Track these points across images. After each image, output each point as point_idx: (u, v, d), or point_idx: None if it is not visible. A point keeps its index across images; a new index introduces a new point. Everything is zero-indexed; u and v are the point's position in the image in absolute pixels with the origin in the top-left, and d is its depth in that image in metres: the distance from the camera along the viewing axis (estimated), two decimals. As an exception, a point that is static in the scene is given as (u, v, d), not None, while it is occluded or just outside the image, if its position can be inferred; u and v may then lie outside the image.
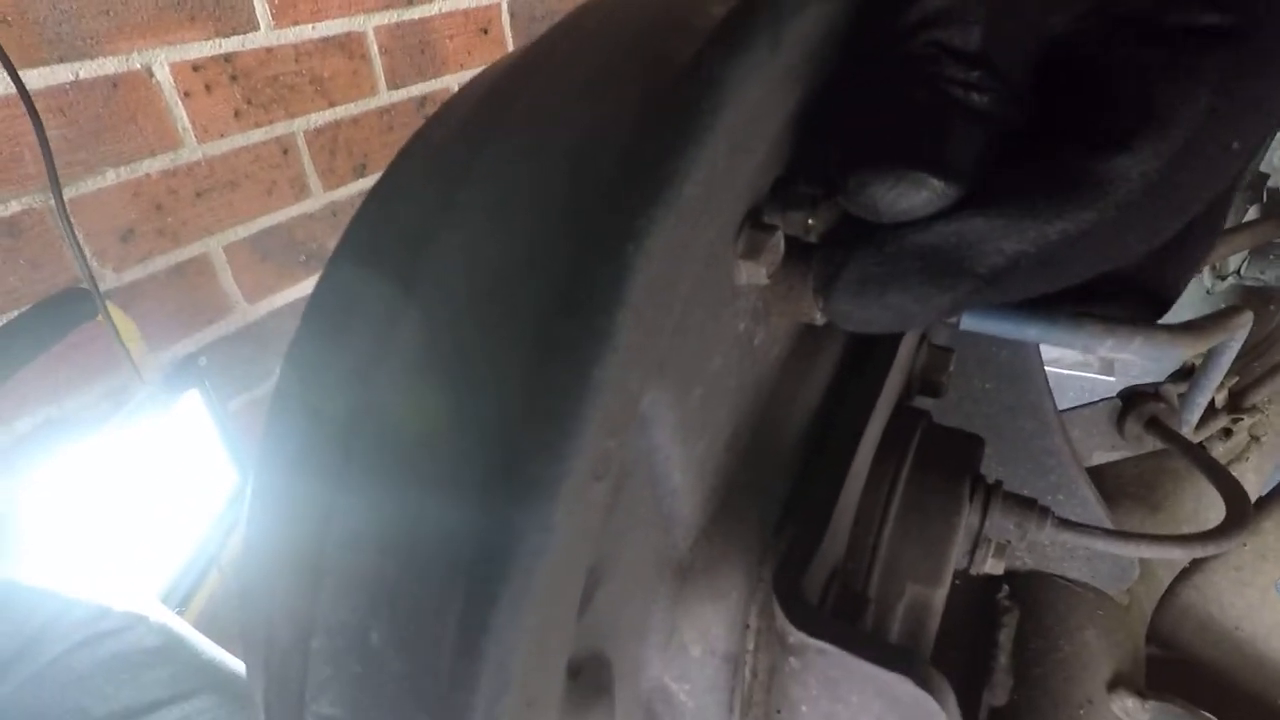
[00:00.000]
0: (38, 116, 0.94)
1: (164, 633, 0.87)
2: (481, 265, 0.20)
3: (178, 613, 1.17)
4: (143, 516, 1.20)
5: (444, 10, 1.73)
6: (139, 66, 1.20)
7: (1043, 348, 0.49)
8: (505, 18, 1.90)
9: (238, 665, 0.90)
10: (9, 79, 0.97)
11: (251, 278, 1.48)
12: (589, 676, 0.26)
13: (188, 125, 1.30)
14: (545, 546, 0.18)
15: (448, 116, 0.26)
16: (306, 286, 1.61)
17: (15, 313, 1.10)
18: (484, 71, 0.28)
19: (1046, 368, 0.47)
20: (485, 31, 1.87)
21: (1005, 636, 0.52)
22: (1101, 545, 0.36)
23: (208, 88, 1.31)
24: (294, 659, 0.21)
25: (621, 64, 0.23)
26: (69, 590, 0.85)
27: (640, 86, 0.22)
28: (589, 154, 0.21)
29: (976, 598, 0.57)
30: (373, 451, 0.19)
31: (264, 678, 0.22)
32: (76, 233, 1.09)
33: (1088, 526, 0.35)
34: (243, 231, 1.45)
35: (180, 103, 1.28)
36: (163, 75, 1.24)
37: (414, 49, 1.69)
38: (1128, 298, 0.27)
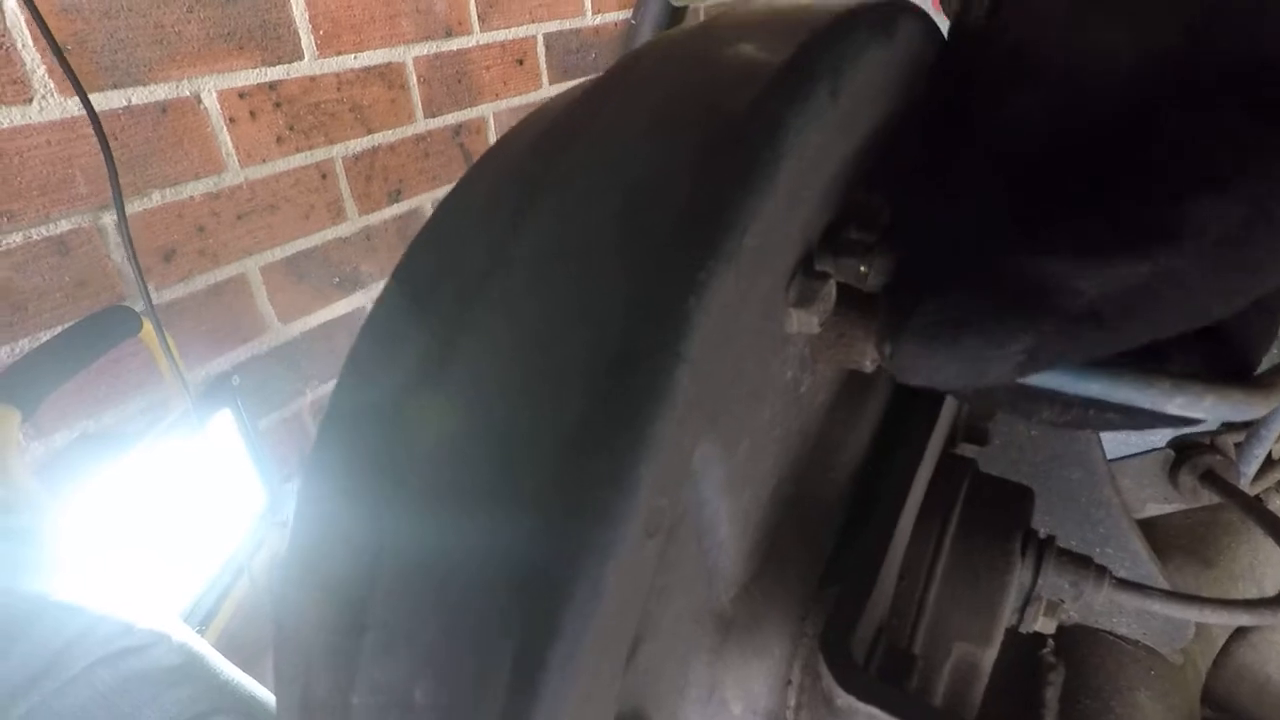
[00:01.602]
0: (105, 139, 0.97)
1: (184, 652, 0.87)
2: (534, 315, 0.20)
3: (199, 632, 1.17)
4: (170, 534, 1.21)
5: (481, 42, 1.77)
6: (188, 93, 1.23)
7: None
8: (541, 49, 1.93)
9: (256, 687, 0.90)
10: (60, 104, 1.00)
11: (286, 298, 1.51)
12: (629, 737, 0.25)
13: (231, 150, 1.33)
14: (595, 610, 0.18)
15: (502, 157, 0.26)
16: (339, 308, 1.63)
17: (59, 328, 1.12)
18: (539, 111, 0.27)
19: None
20: (520, 63, 1.90)
21: (1051, 695, 0.50)
22: (1162, 609, 0.34)
23: (252, 114, 1.35)
24: (332, 714, 0.20)
25: (679, 111, 0.23)
26: (95, 606, 0.86)
27: (699, 134, 0.22)
28: (647, 204, 0.20)
29: (1018, 651, 0.55)
30: (424, 504, 0.19)
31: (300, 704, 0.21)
32: (120, 253, 1.11)
33: (1149, 588, 0.34)
34: (280, 253, 1.48)
35: (225, 128, 1.31)
36: (210, 102, 1.27)
37: (451, 79, 1.72)
38: (1204, 352, 0.26)
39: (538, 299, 0.20)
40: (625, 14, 2.12)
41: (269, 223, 1.44)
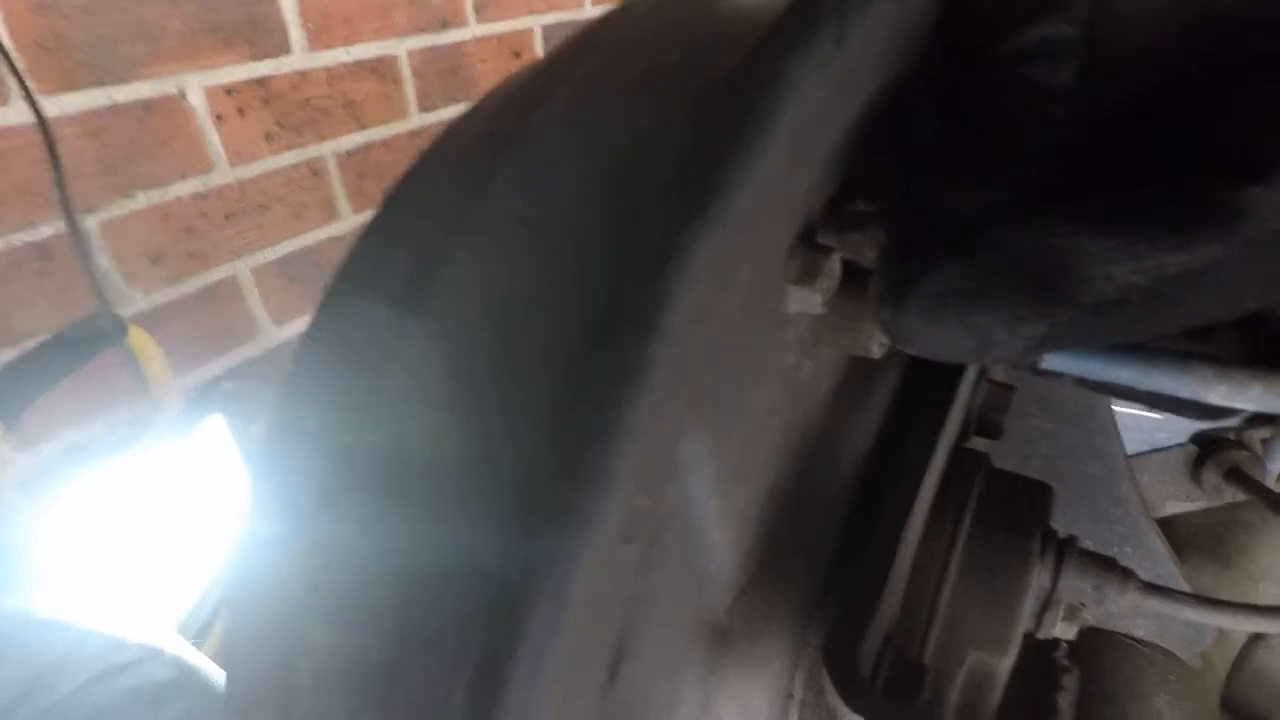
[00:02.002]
0: (53, 145, 0.94)
1: (179, 666, 0.85)
2: (501, 286, 0.17)
3: (194, 644, 1.14)
4: (162, 545, 1.19)
5: (477, 35, 1.74)
6: (173, 90, 1.21)
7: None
8: (538, 42, 1.91)
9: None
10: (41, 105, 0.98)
11: (278, 300, 1.48)
12: (614, 762, 0.22)
13: (219, 148, 1.31)
14: (559, 623, 0.15)
15: (472, 120, 0.23)
16: (332, 309, 1.61)
17: (44, 336, 1.10)
18: (515, 73, 0.25)
19: (1119, 408, 0.43)
20: (518, 55, 1.88)
21: (1065, 701, 0.47)
22: (1191, 615, 0.32)
23: (240, 111, 1.32)
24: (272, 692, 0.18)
25: (668, 60, 0.21)
26: (84, 623, 0.83)
27: (690, 84, 0.19)
28: (630, 159, 0.18)
29: (1031, 654, 0.52)
30: (369, 502, 0.17)
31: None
32: (105, 256, 1.09)
33: (1177, 592, 0.31)
34: (271, 254, 1.46)
35: (212, 126, 1.29)
36: (196, 99, 1.25)
37: (445, 72, 1.70)
38: (1242, 336, 0.23)
39: (507, 266, 0.18)
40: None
41: (259, 223, 1.41)
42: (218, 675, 0.89)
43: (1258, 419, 0.59)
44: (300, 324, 1.54)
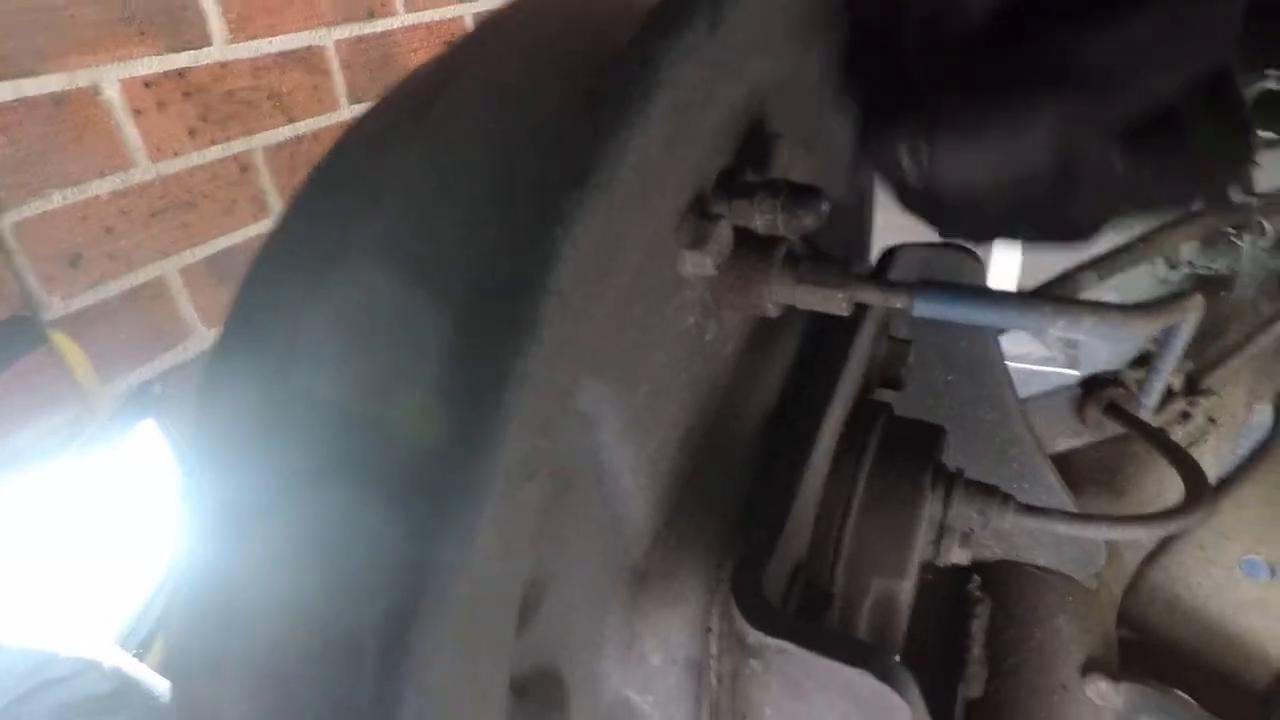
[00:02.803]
0: None
1: (118, 677, 0.84)
2: (401, 254, 0.19)
3: (137, 655, 1.12)
4: (98, 555, 1.16)
5: (406, 24, 1.71)
6: (86, 84, 1.17)
7: (1008, 344, 0.49)
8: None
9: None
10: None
11: (210, 301, 1.45)
12: (539, 693, 0.25)
13: (139, 144, 1.27)
14: (466, 555, 0.17)
15: (377, 112, 0.25)
16: (269, 306, 1.58)
17: (-41, 343, 1.06)
18: (416, 69, 0.27)
19: (1014, 364, 0.47)
20: (449, 44, 1.85)
21: (978, 628, 0.51)
22: (1064, 529, 0.36)
23: (160, 105, 1.28)
24: (207, 695, 0.19)
25: (555, 48, 0.22)
26: (11, 639, 0.81)
27: (574, 69, 0.21)
28: (515, 138, 0.20)
29: (949, 592, 0.56)
30: (279, 455, 0.18)
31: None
32: (20, 259, 1.05)
33: (1049, 510, 0.35)
34: (200, 253, 1.42)
35: (130, 120, 1.25)
36: (111, 92, 1.21)
37: (376, 63, 1.67)
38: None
39: (406, 240, 0.20)
40: (549, -7, 2.09)
41: (185, 221, 1.37)
42: (161, 686, 0.88)
43: (1135, 361, 0.64)
44: (235, 322, 1.50)
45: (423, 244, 0.19)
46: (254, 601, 0.18)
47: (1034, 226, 0.34)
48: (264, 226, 1.55)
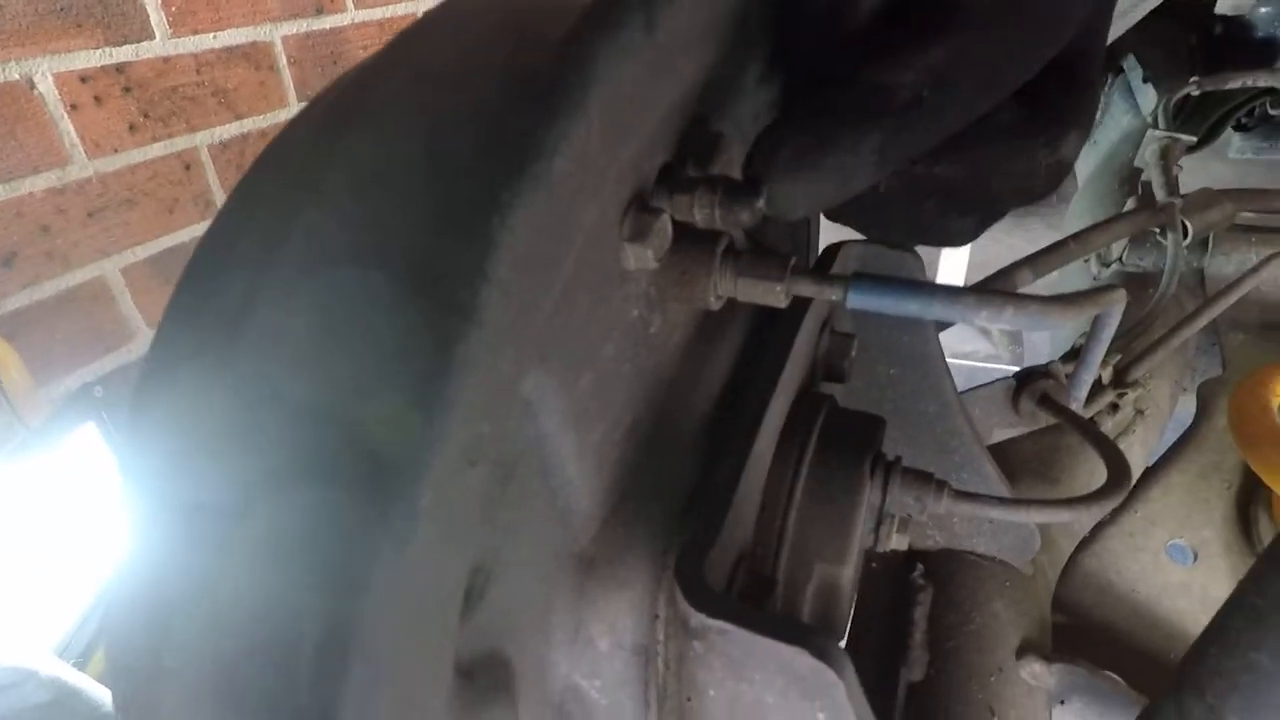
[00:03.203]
0: None
1: (56, 687, 0.81)
2: (341, 245, 0.19)
3: (77, 664, 1.09)
4: (34, 563, 1.12)
5: (356, 20, 1.69)
6: (18, 77, 1.13)
7: (956, 342, 0.51)
8: (418, 28, 1.87)
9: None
10: None
11: (154, 301, 1.41)
12: (485, 677, 0.25)
13: (76, 140, 1.23)
14: (410, 535, 0.17)
15: (313, 108, 0.25)
16: (215, 307, 1.54)
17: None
18: (353, 67, 0.27)
19: (961, 361, 0.49)
20: (397, 42, 1.83)
21: (920, 614, 0.53)
22: (996, 514, 0.37)
23: (98, 100, 1.25)
24: (146, 679, 0.19)
25: (491, 45, 0.23)
26: None
27: (510, 65, 0.22)
28: (453, 129, 0.20)
29: (894, 582, 0.58)
30: (231, 431, 0.18)
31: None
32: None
33: (982, 496, 0.37)
34: (142, 252, 1.38)
35: (67, 116, 1.21)
36: (46, 87, 1.17)
37: (325, 59, 1.64)
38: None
39: (345, 231, 0.20)
40: (504, -8, 2.08)
41: (126, 219, 1.33)
42: (103, 695, 0.86)
43: (1069, 355, 0.67)
44: (180, 324, 1.46)
45: (363, 233, 0.19)
46: (191, 602, 0.18)
47: (911, 237, 0.37)
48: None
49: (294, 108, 1.61)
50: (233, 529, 0.18)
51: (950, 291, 0.28)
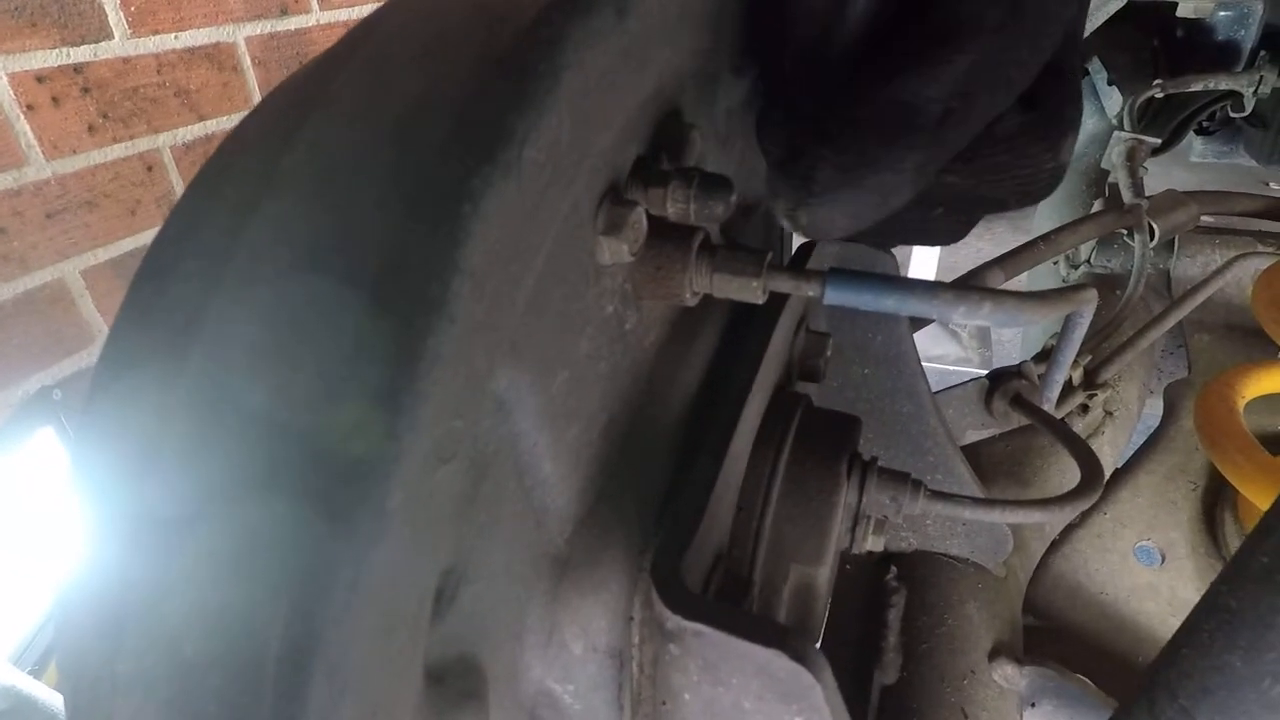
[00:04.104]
0: None
1: (12, 696, 0.79)
2: (304, 234, 0.19)
3: (32, 673, 1.05)
4: (-11, 570, 1.08)
5: (322, 21, 1.67)
6: (-29, 76, 1.09)
7: (928, 344, 0.51)
8: (389, 31, 1.85)
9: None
10: None
11: (115, 304, 1.37)
12: (455, 682, 0.24)
13: (33, 141, 1.19)
14: (379, 537, 0.17)
15: (271, 98, 0.24)
16: (179, 312, 1.50)
17: None
18: (315, 56, 0.26)
19: (933, 364, 0.49)
20: (368, 45, 1.81)
21: (894, 616, 0.53)
22: (971, 514, 0.37)
23: (55, 100, 1.21)
24: (100, 688, 0.18)
25: (457, 30, 0.22)
26: None
27: (478, 49, 0.21)
28: (421, 115, 0.20)
29: (869, 586, 0.58)
30: (189, 438, 0.17)
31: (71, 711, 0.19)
32: (-103, 257, 0.97)
33: (956, 496, 0.37)
34: (104, 254, 1.34)
35: (23, 116, 1.17)
36: (0, 87, 1.13)
37: (290, 60, 1.62)
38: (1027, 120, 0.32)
39: (308, 219, 0.19)
40: (477, -3, 2.07)
41: (86, 221, 1.30)
42: (57, 703, 0.83)
43: (1040, 357, 0.68)
44: (142, 329, 1.43)
45: (327, 225, 0.18)
46: (145, 612, 0.17)
47: (904, 239, 0.37)
48: (174, 228, 1.48)
49: (262, 110, 1.58)
50: (185, 539, 0.17)
51: (927, 287, 0.28)
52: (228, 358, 0.18)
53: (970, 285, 0.29)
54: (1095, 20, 0.78)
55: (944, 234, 0.35)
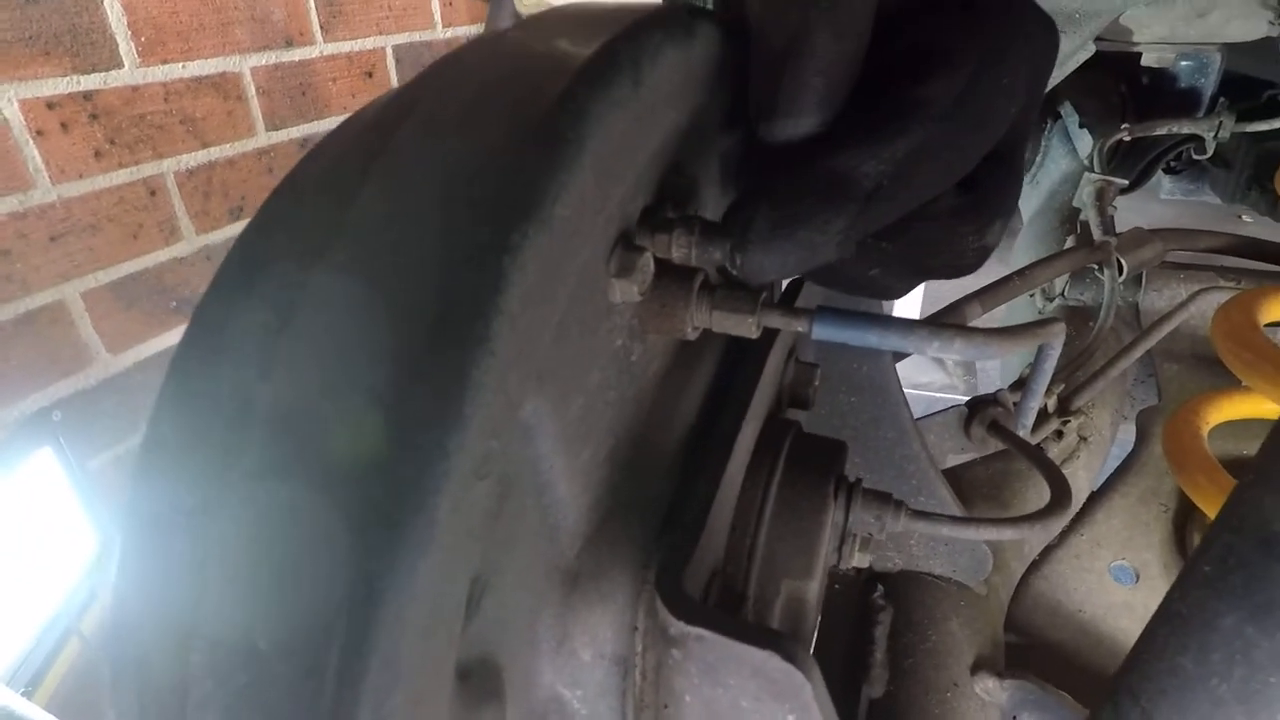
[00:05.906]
0: None
1: (7, 716, 0.79)
2: (364, 282, 0.21)
3: (25, 694, 1.05)
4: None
5: (325, 53, 1.71)
6: (-17, 102, 1.12)
7: (914, 373, 0.54)
8: (391, 61, 1.90)
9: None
10: None
11: (114, 326, 1.39)
12: (479, 680, 0.26)
13: (40, 165, 1.22)
14: (429, 541, 0.19)
15: (328, 149, 0.27)
16: (177, 335, 1.51)
17: None
18: (361, 109, 0.29)
19: (918, 391, 0.52)
20: (370, 75, 1.86)
21: (880, 633, 0.56)
22: (949, 531, 0.40)
23: (64, 126, 1.24)
24: (170, 678, 0.20)
25: (496, 99, 0.25)
26: None
27: (513, 117, 0.24)
28: (466, 178, 0.22)
29: (856, 605, 0.61)
30: (259, 449, 0.20)
31: (137, 705, 0.21)
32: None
33: (936, 515, 0.39)
34: (104, 277, 1.36)
35: (32, 141, 1.20)
36: (11, 112, 1.16)
37: (294, 90, 1.66)
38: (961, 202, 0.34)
39: (368, 267, 0.22)
40: (476, 27, 2.12)
41: (89, 244, 1.32)
42: None
43: (1017, 385, 0.71)
44: (140, 351, 1.44)
45: (384, 269, 0.21)
46: (222, 608, 0.20)
47: (848, 289, 0.41)
48: (176, 251, 1.51)
49: (262, 137, 1.61)
50: (258, 544, 0.20)
51: (905, 324, 0.31)
52: (303, 381, 0.21)
53: (944, 322, 0.32)
54: (1066, 67, 0.83)
55: (882, 291, 0.38)
